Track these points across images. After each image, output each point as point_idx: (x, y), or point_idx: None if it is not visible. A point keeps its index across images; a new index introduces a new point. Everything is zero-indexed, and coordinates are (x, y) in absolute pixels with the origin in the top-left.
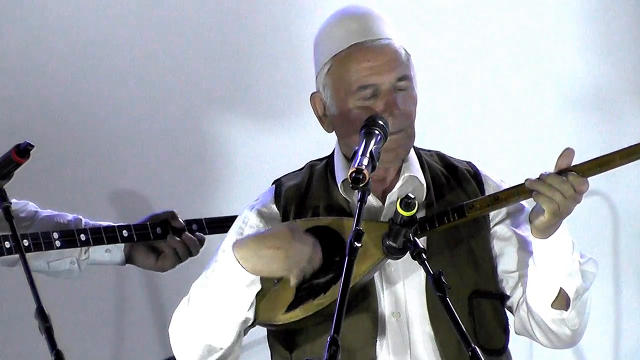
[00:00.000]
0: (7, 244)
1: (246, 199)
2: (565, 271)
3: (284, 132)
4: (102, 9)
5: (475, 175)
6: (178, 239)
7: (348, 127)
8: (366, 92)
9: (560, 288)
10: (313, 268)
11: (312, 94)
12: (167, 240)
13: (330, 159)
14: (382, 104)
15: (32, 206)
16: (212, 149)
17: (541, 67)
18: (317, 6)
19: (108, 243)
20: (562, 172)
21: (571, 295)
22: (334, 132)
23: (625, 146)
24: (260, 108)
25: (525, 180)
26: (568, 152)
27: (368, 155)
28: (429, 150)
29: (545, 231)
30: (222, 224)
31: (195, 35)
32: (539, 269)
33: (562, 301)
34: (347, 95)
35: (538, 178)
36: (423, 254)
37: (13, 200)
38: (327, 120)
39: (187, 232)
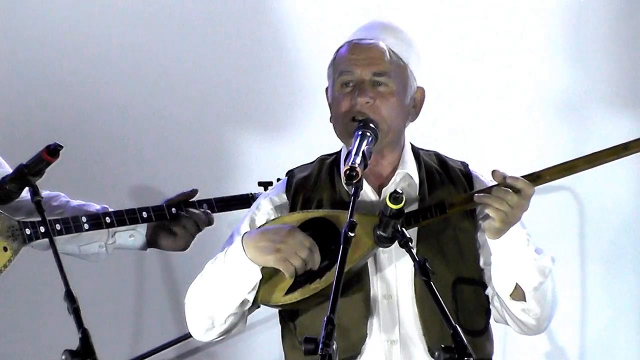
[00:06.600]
0: (42, 229)
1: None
2: (519, 268)
3: (294, 136)
4: (121, 17)
5: (467, 175)
6: (186, 215)
7: (333, 111)
8: (345, 77)
9: (517, 283)
10: (306, 267)
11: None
12: (179, 217)
13: (338, 154)
14: (354, 89)
15: (63, 197)
16: (225, 151)
17: (511, 71)
18: (325, 17)
19: (130, 224)
20: (532, 175)
21: (526, 289)
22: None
23: (588, 153)
24: (273, 113)
25: (474, 195)
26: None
27: (361, 154)
28: (428, 150)
29: (497, 234)
30: (229, 203)
31: (211, 42)
32: (496, 266)
33: (520, 293)
34: (334, 82)
35: (485, 190)
36: (410, 243)
37: (47, 192)
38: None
39: (192, 209)
